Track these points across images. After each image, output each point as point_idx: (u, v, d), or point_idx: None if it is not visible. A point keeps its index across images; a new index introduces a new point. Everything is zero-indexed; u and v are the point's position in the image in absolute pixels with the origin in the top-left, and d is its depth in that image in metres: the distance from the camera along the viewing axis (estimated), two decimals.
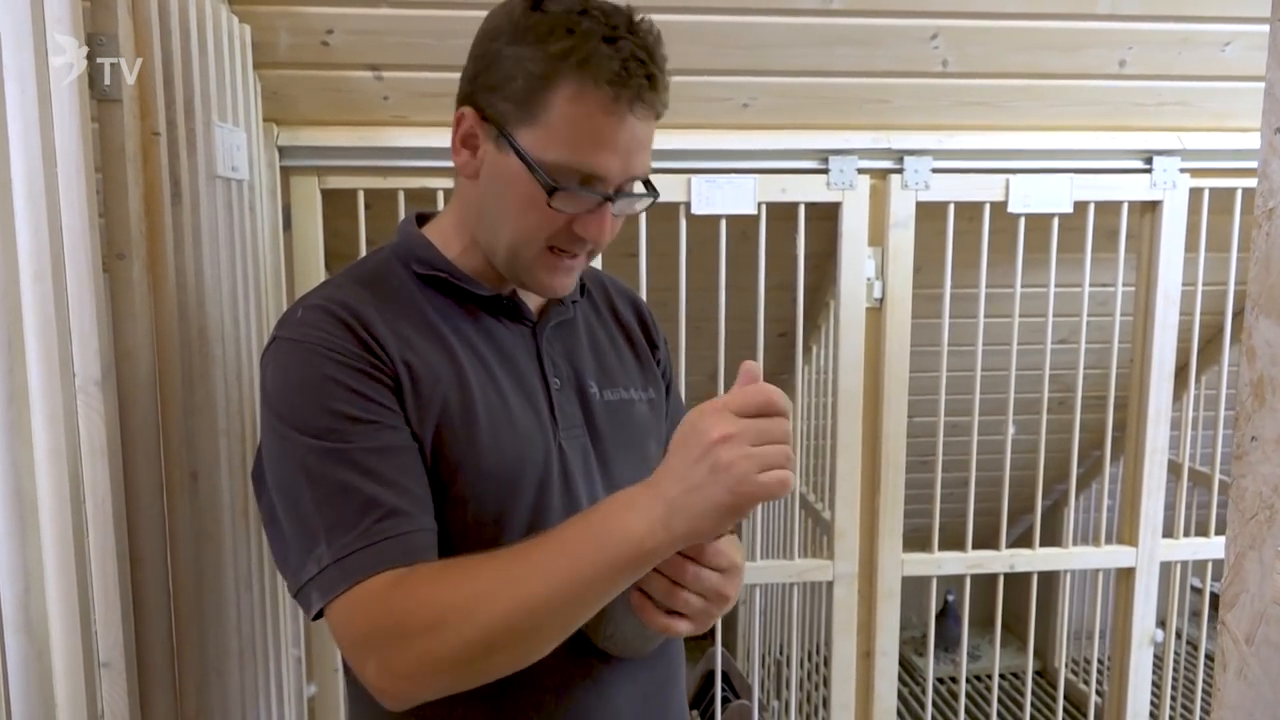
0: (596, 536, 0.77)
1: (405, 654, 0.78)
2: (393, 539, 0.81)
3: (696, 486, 0.74)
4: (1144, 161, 1.93)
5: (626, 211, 0.94)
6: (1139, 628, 2.12)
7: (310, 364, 0.85)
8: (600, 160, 0.86)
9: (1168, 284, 1.99)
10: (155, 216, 1.10)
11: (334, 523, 0.81)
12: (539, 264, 0.92)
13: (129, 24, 1.04)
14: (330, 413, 0.83)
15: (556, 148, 0.85)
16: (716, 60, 1.68)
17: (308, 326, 0.87)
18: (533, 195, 0.87)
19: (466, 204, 0.95)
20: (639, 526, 0.76)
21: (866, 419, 1.96)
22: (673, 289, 1.88)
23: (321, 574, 0.81)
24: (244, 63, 1.47)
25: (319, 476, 0.82)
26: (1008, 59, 1.73)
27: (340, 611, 0.80)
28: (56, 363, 0.91)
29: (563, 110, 0.84)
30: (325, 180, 1.72)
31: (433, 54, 1.58)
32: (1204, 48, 1.74)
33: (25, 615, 0.87)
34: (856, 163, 1.84)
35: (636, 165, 0.89)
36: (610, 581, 0.77)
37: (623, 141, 0.86)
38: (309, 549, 0.82)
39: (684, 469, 0.75)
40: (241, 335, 1.38)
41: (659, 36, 0.88)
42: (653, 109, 0.87)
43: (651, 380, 1.08)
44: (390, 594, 0.79)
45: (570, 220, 0.89)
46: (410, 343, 0.89)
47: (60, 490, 0.92)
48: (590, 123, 0.85)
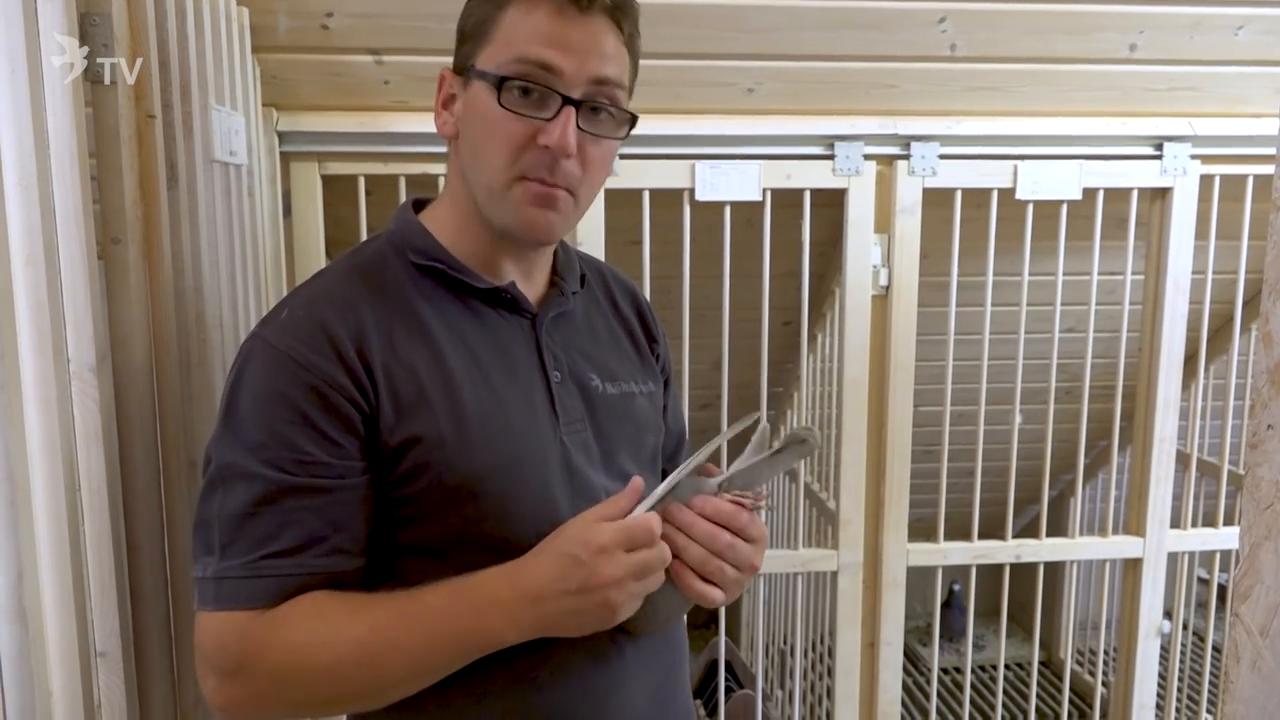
0: (460, 631, 0.81)
1: (246, 688, 0.82)
2: (273, 578, 0.82)
3: (573, 610, 0.80)
4: (1154, 148, 1.91)
5: (598, 131, 0.88)
6: (1146, 619, 2.11)
7: (276, 376, 0.83)
8: (549, 53, 0.84)
9: (1177, 272, 1.97)
10: (151, 201, 1.08)
11: (230, 541, 0.82)
12: (515, 198, 0.88)
13: (123, 5, 1.02)
14: (273, 433, 0.82)
15: (507, 51, 0.85)
16: (721, 44, 1.66)
17: (289, 334, 0.85)
18: (492, 109, 0.86)
19: (456, 173, 0.94)
20: (504, 631, 0.81)
21: (872, 408, 1.94)
22: (676, 277, 1.87)
23: (203, 581, 0.83)
24: (242, 46, 1.45)
25: (237, 490, 0.82)
26: (1017, 43, 1.70)
27: (203, 622, 0.83)
28: (50, 348, 0.90)
29: (513, 19, 0.86)
30: (325, 166, 1.70)
31: (434, 38, 1.55)
32: (1216, 32, 1.71)
33: (18, 604, 0.85)
34: (863, 148, 1.82)
35: (595, 66, 0.86)
36: (463, 663, 0.83)
37: (575, 39, 0.85)
38: (204, 551, 0.84)
39: (564, 589, 0.79)
40: (240, 322, 1.36)
41: None
42: (604, 9, 0.86)
43: (650, 374, 1.07)
44: (249, 630, 0.81)
45: (533, 133, 0.86)
46: (397, 348, 0.87)
47: (55, 478, 0.91)
48: (538, 21, 0.85)
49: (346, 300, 0.88)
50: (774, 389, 2.86)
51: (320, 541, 0.83)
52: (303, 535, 0.82)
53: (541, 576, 0.80)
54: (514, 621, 0.81)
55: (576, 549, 0.79)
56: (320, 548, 0.83)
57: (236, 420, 0.84)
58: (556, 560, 0.80)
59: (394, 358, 0.86)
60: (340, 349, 0.84)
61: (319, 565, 0.83)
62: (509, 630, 0.81)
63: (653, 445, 1.04)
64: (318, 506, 0.83)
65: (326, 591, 0.84)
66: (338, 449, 0.83)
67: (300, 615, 0.82)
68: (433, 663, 0.82)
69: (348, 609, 0.83)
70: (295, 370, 0.83)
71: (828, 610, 2.12)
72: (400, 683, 0.83)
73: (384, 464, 0.86)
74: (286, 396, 0.82)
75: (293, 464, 0.82)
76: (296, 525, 0.82)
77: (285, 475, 0.82)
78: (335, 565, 0.84)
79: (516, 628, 0.81)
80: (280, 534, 0.82)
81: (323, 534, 0.83)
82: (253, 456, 0.82)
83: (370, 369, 0.85)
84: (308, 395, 0.82)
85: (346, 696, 0.84)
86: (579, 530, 0.81)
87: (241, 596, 0.81)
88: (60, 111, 0.91)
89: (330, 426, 0.83)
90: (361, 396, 0.84)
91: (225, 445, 0.84)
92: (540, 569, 0.81)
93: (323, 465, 0.83)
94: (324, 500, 0.83)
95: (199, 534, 0.84)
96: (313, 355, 0.83)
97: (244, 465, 0.82)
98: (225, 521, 0.82)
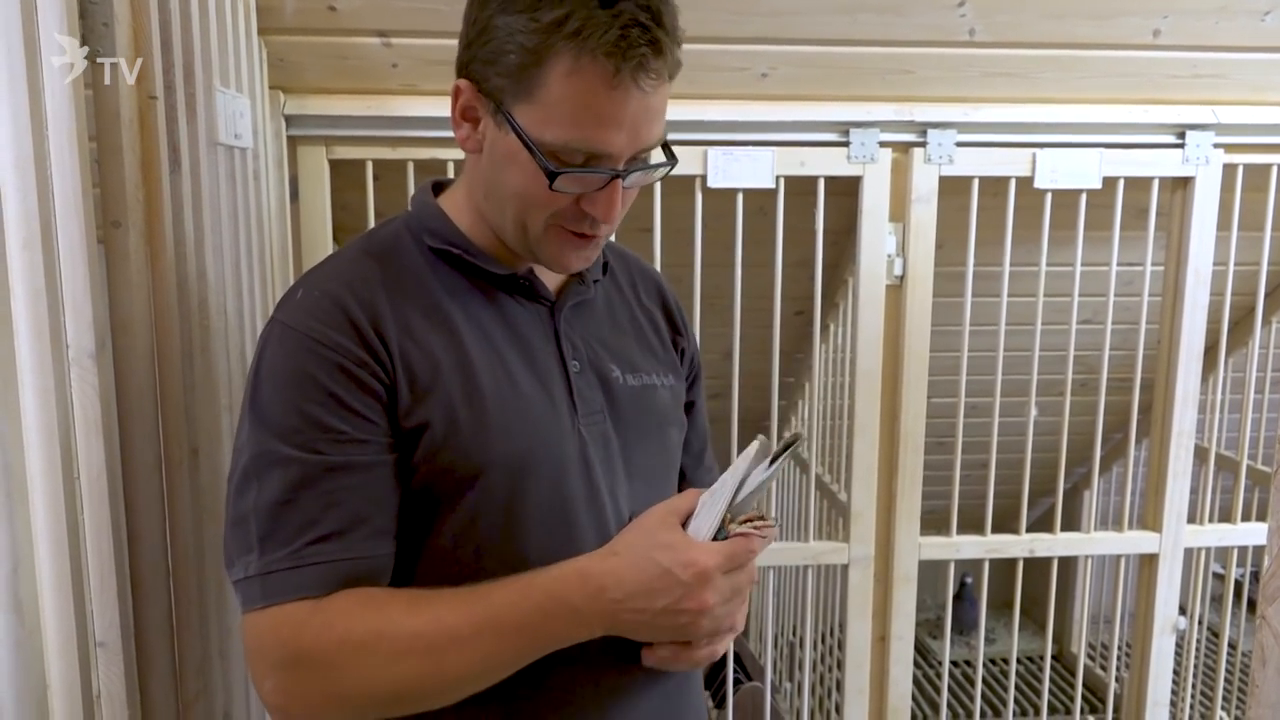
0: (533, 632, 0.78)
1: (306, 685, 0.78)
2: (322, 565, 0.79)
3: (651, 625, 0.79)
4: (1176, 136, 1.87)
5: (641, 184, 0.88)
6: (1161, 615, 2.08)
7: (298, 356, 0.81)
8: (604, 137, 0.79)
9: (1199, 263, 1.93)
10: (153, 184, 1.06)
11: (269, 533, 0.79)
12: (548, 240, 0.87)
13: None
14: (302, 414, 0.79)
15: (555, 127, 0.79)
16: (734, 28, 1.62)
17: (306, 314, 0.83)
18: (535, 175, 0.81)
19: (472, 178, 0.91)
20: (575, 633, 0.79)
21: (885, 399, 1.92)
22: (687, 265, 1.84)
23: (246, 581, 0.79)
24: (248, 27, 1.42)
25: (271, 479, 0.79)
26: (1038, 27, 1.67)
27: (254, 624, 0.79)
28: (48, 335, 0.88)
29: (559, 87, 0.78)
30: (333, 150, 1.68)
31: (442, 20, 1.53)
32: (1243, 17, 1.68)
33: (14, 594, 0.84)
34: (878, 135, 1.79)
35: (646, 136, 0.82)
36: (531, 660, 0.80)
37: (629, 115, 0.79)
38: (242, 550, 0.80)
39: (649, 604, 0.77)
40: (245, 308, 1.35)
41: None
42: (660, 77, 0.80)
43: (671, 366, 1.04)
44: (306, 621, 0.78)
45: (578, 198, 0.84)
46: (413, 330, 0.85)
47: (53, 467, 0.89)
48: (590, 99, 0.78)
49: (362, 280, 0.86)
50: (785, 379, 2.83)
51: (364, 522, 0.80)
52: (346, 517, 0.79)
53: (626, 584, 0.78)
54: (585, 626, 0.79)
55: (674, 565, 0.77)
56: (365, 529, 0.80)
57: (262, 408, 0.81)
58: (646, 569, 0.78)
59: (410, 340, 0.84)
60: (358, 326, 0.82)
61: (366, 549, 0.80)
62: (580, 632, 0.79)
63: (675, 439, 1.02)
64: (357, 485, 0.80)
65: (379, 588, 0.81)
66: (371, 425, 0.81)
67: (356, 609, 0.78)
68: (499, 660, 0.79)
69: (407, 603, 0.80)
70: (318, 349, 0.81)
71: (838, 603, 2.10)
72: (464, 679, 0.79)
73: (401, 447, 0.84)
74: (312, 377, 0.80)
75: (327, 443, 0.79)
76: (339, 507, 0.79)
77: (319, 456, 0.79)
78: (381, 548, 0.82)
79: (588, 630, 0.79)
80: (323, 517, 0.79)
81: (366, 514, 0.80)
82: (284, 442, 0.79)
83: (388, 348, 0.83)
84: (333, 373, 0.80)
85: (409, 694, 0.79)
86: (678, 543, 0.79)
87: (291, 588, 0.78)
88: (58, 91, 0.89)
89: (360, 403, 0.81)
90: (384, 372, 0.82)
91: (253, 436, 0.81)
92: (625, 575, 0.78)
93: (358, 443, 0.80)
94: (363, 478, 0.80)
95: (235, 533, 0.81)
96: (334, 333, 0.81)
97: (275, 451, 0.79)
98: (261, 513, 0.79)
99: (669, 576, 0.77)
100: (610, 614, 0.78)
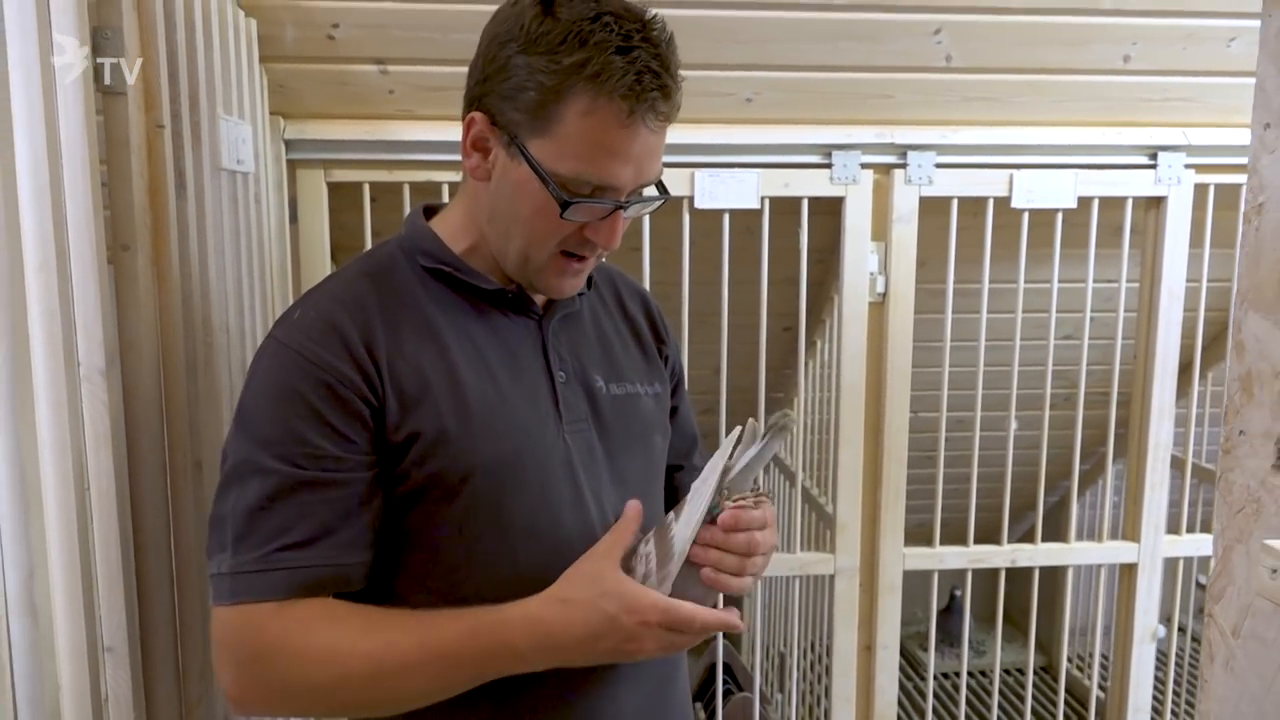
0: (477, 668, 0.84)
1: (260, 681, 0.84)
2: (288, 570, 0.84)
3: (591, 660, 0.85)
4: (1149, 157, 1.93)
5: (638, 214, 0.96)
6: (1141, 623, 2.12)
7: (289, 373, 0.86)
8: (613, 171, 0.86)
9: (1172, 280, 1.99)
10: (160, 208, 1.11)
11: (242, 535, 0.84)
12: (549, 268, 0.93)
13: (134, 17, 1.05)
14: (287, 429, 0.85)
15: (569, 160, 0.86)
16: (720, 55, 1.68)
17: (302, 333, 0.88)
18: (545, 204, 0.88)
19: (476, 204, 0.95)
20: (520, 669, 0.85)
21: (869, 413, 1.97)
22: (676, 283, 1.89)
23: (218, 577, 0.85)
24: (250, 56, 1.48)
25: (250, 486, 0.85)
26: (1011, 54, 1.73)
27: (220, 618, 0.85)
28: (61, 352, 0.93)
29: (575, 123, 0.84)
30: (331, 173, 1.73)
31: (438, 48, 1.58)
32: (1209, 43, 1.74)
33: (29, 599, 0.88)
34: (860, 157, 1.85)
35: (649, 171, 0.90)
36: (471, 687, 0.86)
37: (635, 152, 0.87)
38: (218, 548, 0.86)
39: (594, 648, 0.83)
40: (246, 326, 1.39)
41: (672, 40, 0.88)
42: (666, 118, 0.88)
43: (657, 375, 1.09)
44: (267, 624, 0.83)
45: (582, 226, 0.90)
46: (404, 347, 0.90)
47: (64, 477, 0.94)
48: (603, 136, 0.85)
49: (357, 301, 0.91)
50: (773, 394, 2.88)
51: (332, 534, 0.85)
52: (315, 528, 0.85)
53: (573, 629, 0.83)
54: (527, 664, 0.85)
55: (618, 611, 0.82)
56: (332, 540, 0.85)
57: (250, 418, 0.87)
58: (591, 615, 0.83)
59: (401, 356, 0.89)
60: (350, 346, 0.87)
61: (331, 558, 0.85)
62: (521, 669, 0.86)
63: (659, 446, 1.07)
64: (330, 500, 0.85)
65: (342, 601, 0.87)
66: (349, 444, 0.86)
67: (316, 621, 0.84)
68: (441, 685, 0.86)
69: (364, 623, 0.85)
70: (306, 367, 0.86)
71: (825, 613, 2.14)
72: (405, 701, 0.87)
73: (390, 458, 0.89)
74: (298, 392, 0.85)
75: (305, 458, 0.85)
76: (309, 518, 0.84)
77: (297, 470, 0.84)
78: (346, 558, 0.87)
79: (530, 668, 0.85)
80: (293, 526, 0.84)
81: (334, 526, 0.85)
82: (266, 452, 0.84)
83: (378, 365, 0.88)
84: (319, 390, 0.85)
85: (354, 706, 0.87)
86: (624, 591, 0.83)
87: (256, 589, 0.83)
88: (72, 121, 0.94)
89: (341, 421, 0.86)
90: (370, 392, 0.87)
91: (239, 443, 0.86)
92: (571, 622, 0.83)
93: (334, 460, 0.85)
94: (336, 494, 0.86)
95: (213, 531, 0.87)
96: (324, 352, 0.86)
97: (257, 461, 0.84)
98: (238, 516, 0.84)
99: (610, 620, 0.82)
100: (554, 655, 0.84)
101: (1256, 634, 0.77)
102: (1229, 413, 0.82)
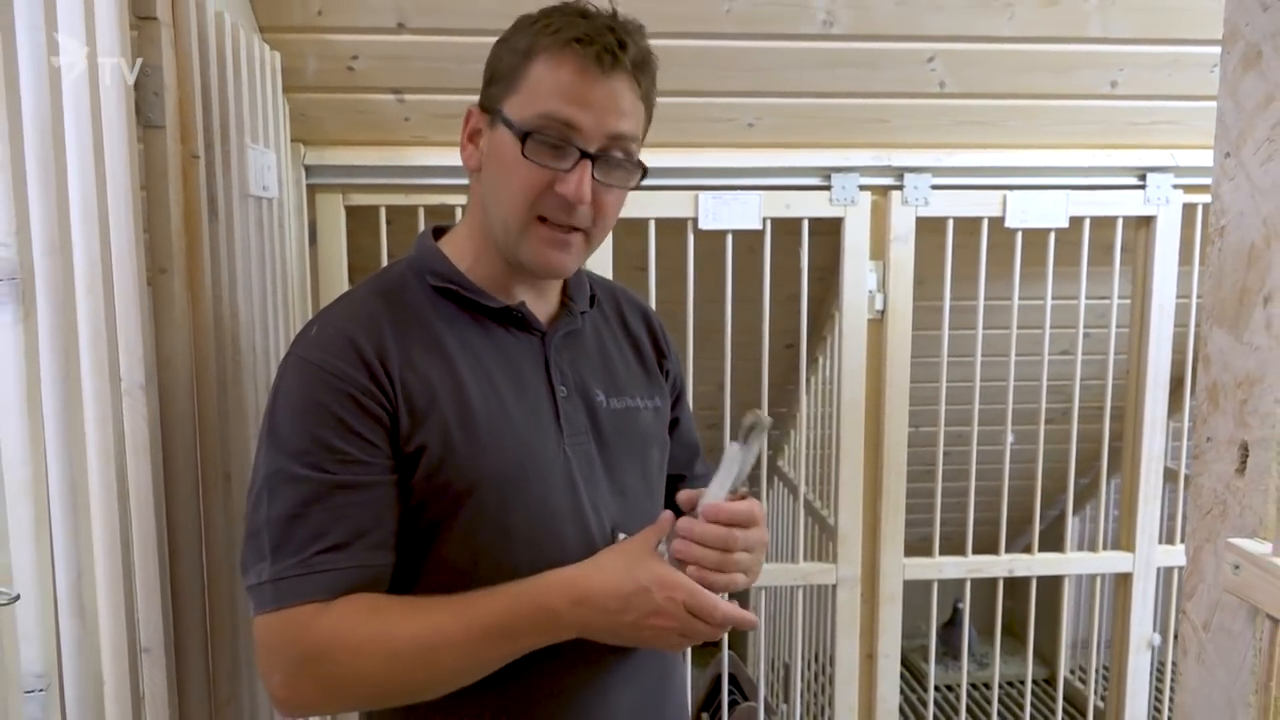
0: (516, 635, 0.89)
1: (310, 680, 0.88)
2: (329, 572, 0.88)
3: (615, 632, 0.90)
4: (1138, 178, 1.99)
5: (611, 181, 0.97)
6: (1136, 632, 2.17)
7: (312, 387, 0.91)
8: (571, 111, 0.92)
9: (1162, 297, 2.05)
10: (194, 233, 1.18)
11: (281, 543, 0.89)
12: (531, 236, 0.96)
13: (171, 56, 1.12)
14: (314, 439, 0.89)
15: (533, 104, 0.92)
16: (722, 82, 1.75)
17: (320, 349, 0.93)
18: (516, 157, 0.93)
19: (476, 202, 1.01)
20: (554, 635, 0.90)
21: (869, 427, 2.02)
22: (680, 302, 1.95)
23: (259, 586, 0.89)
24: (274, 87, 1.55)
25: (283, 495, 0.89)
26: (1003, 80, 1.80)
27: (265, 626, 0.88)
28: (106, 369, 0.99)
29: (540, 72, 0.92)
30: (349, 197, 1.80)
31: (452, 78, 1.66)
32: (1193, 69, 1.80)
33: (78, 601, 0.94)
34: (858, 180, 1.91)
35: (613, 122, 0.93)
36: (512, 659, 0.91)
37: (596, 97, 0.92)
38: (256, 559, 0.90)
39: (620, 612, 0.88)
40: (270, 344, 1.46)
41: (640, 26, 0.96)
42: (625, 70, 0.93)
43: (657, 389, 1.13)
44: (312, 623, 0.87)
45: (552, 181, 0.93)
46: (414, 361, 0.94)
47: (108, 486, 1.00)
48: (563, 77, 0.91)
49: (370, 318, 0.96)
50: (776, 410, 2.93)
51: (365, 536, 0.90)
52: (352, 529, 0.89)
53: (607, 589, 0.88)
54: (562, 628, 0.89)
55: (650, 583, 0.88)
56: (368, 540, 0.90)
57: (278, 432, 0.91)
58: (624, 581, 0.88)
59: (411, 370, 0.94)
60: (366, 359, 0.92)
61: (368, 559, 0.90)
62: (558, 634, 0.90)
63: (657, 459, 1.11)
64: (362, 502, 0.90)
65: (379, 594, 0.91)
66: (374, 448, 0.91)
67: (360, 614, 0.88)
68: (483, 659, 0.90)
69: (405, 609, 0.89)
70: (328, 380, 0.91)
71: (828, 623, 2.19)
72: (454, 679, 0.90)
73: (402, 470, 0.93)
74: (322, 404, 0.90)
75: (335, 463, 0.89)
76: (345, 520, 0.89)
77: (328, 474, 0.89)
78: (379, 560, 0.91)
79: (564, 633, 0.90)
80: (330, 529, 0.89)
81: (367, 528, 0.90)
82: (296, 462, 0.89)
83: (391, 378, 0.93)
84: (341, 401, 0.90)
85: (402, 688, 0.90)
86: (657, 567, 0.89)
87: (300, 592, 0.87)
88: (116, 154, 1.01)
89: (365, 428, 0.91)
90: (387, 401, 0.92)
91: (269, 456, 0.91)
92: (606, 582, 0.89)
93: (362, 464, 0.90)
94: (367, 496, 0.90)
95: (249, 544, 0.91)
96: (343, 365, 0.91)
97: (289, 471, 0.89)
98: (274, 526, 0.89)
99: (643, 590, 0.88)
100: (585, 620, 0.89)
101: (1224, 627, 0.83)
102: (1197, 421, 0.87)
